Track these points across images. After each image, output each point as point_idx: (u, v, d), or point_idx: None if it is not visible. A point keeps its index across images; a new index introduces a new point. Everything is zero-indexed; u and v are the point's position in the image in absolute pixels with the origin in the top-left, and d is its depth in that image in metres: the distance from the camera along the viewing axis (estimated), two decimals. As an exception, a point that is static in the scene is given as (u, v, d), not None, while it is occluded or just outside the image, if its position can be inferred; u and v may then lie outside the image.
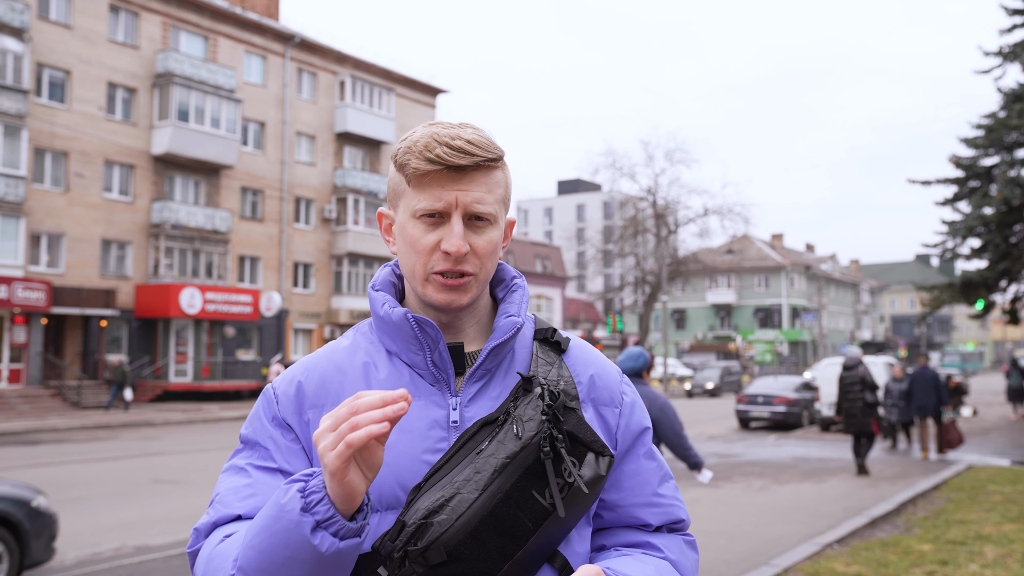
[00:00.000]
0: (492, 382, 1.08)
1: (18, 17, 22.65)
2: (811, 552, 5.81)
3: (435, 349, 1.06)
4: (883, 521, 7.21)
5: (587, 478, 1.00)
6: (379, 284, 1.14)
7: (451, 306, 1.07)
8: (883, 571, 5.20)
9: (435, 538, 0.93)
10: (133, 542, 7.10)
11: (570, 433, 1.02)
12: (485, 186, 1.06)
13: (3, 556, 5.46)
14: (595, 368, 1.14)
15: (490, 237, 1.07)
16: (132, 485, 10.40)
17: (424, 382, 1.07)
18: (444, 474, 0.99)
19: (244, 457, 1.06)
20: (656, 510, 1.12)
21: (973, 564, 5.37)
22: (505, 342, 1.08)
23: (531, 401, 1.02)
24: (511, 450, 0.97)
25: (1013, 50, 19.18)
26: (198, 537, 1.02)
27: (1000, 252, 19.11)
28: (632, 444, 1.13)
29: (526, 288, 1.14)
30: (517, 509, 0.96)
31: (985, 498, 8.10)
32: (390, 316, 1.08)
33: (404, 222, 1.08)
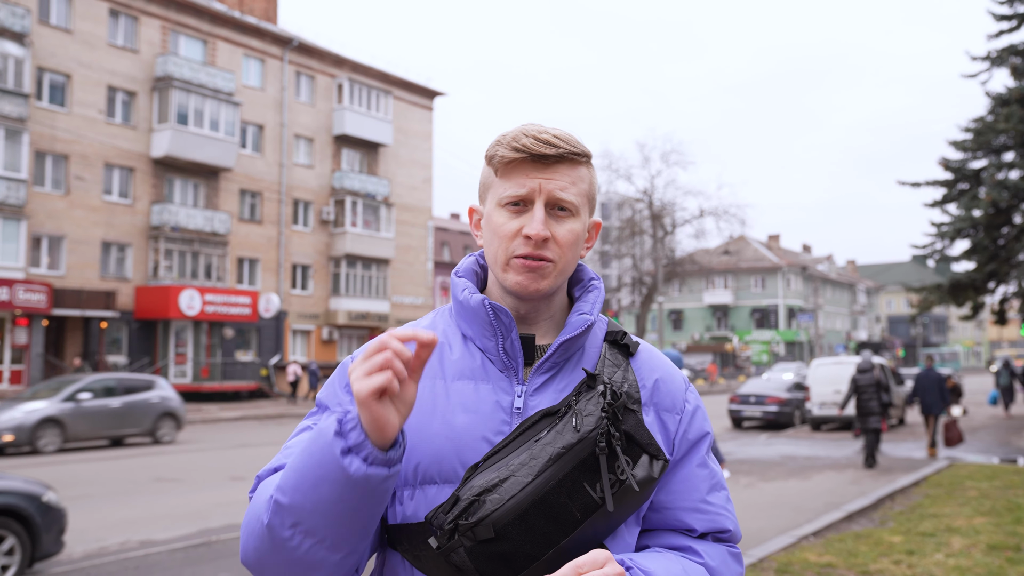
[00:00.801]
0: (559, 375, 1.11)
1: (19, 22, 22.89)
2: (787, 544, 6.09)
3: (507, 337, 1.10)
4: (860, 515, 7.48)
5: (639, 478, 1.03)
6: (462, 271, 1.18)
7: (528, 289, 1.09)
8: (852, 560, 5.48)
9: (485, 515, 0.97)
10: (137, 537, 7.35)
11: (627, 433, 1.04)
12: (569, 177, 1.10)
13: (15, 549, 5.72)
14: (660, 373, 1.16)
15: (571, 227, 1.10)
16: (134, 483, 10.65)
17: (494, 367, 1.11)
18: (502, 457, 1.02)
19: (313, 418, 1.13)
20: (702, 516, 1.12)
21: (939, 554, 5.65)
22: (576, 337, 1.11)
23: (593, 398, 1.05)
24: (568, 441, 1.01)
25: (1000, 55, 19.48)
26: (258, 481, 1.07)
27: (988, 254, 19.40)
28: (688, 451, 1.15)
29: (602, 290, 1.17)
30: (567, 498, 0.99)
31: (961, 493, 8.37)
32: (468, 301, 1.12)
33: (490, 211, 1.12)
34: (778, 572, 5.21)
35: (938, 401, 13.29)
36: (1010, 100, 19.09)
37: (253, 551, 0.99)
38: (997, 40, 20.10)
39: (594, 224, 1.18)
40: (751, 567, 5.37)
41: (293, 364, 27.78)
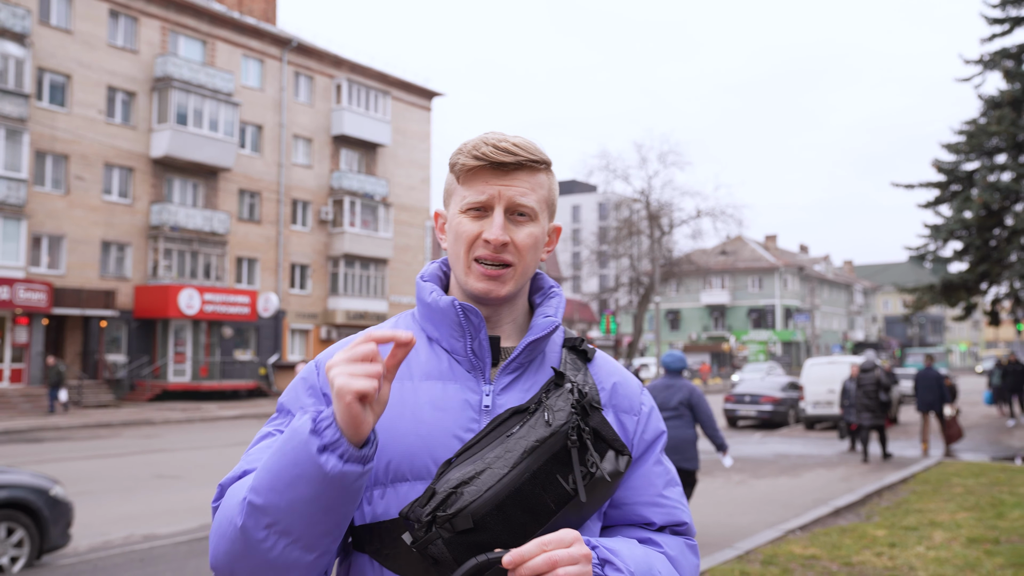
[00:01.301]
0: (524, 375, 1.14)
1: (19, 22, 23.01)
2: (773, 537, 6.26)
3: (476, 337, 1.12)
4: (847, 511, 7.66)
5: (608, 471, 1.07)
6: (427, 276, 1.21)
7: (490, 295, 1.12)
8: (836, 552, 5.66)
9: (464, 506, 0.99)
10: (141, 531, 7.52)
11: (594, 429, 1.08)
12: (527, 184, 1.13)
13: (24, 540, 5.89)
14: (617, 377, 1.21)
15: (530, 231, 1.13)
16: (136, 480, 10.81)
17: (461, 368, 1.13)
18: (476, 452, 1.04)
19: (276, 423, 1.13)
20: (660, 510, 1.17)
21: (920, 546, 5.83)
22: (541, 339, 1.14)
23: (562, 395, 1.09)
24: (541, 435, 1.04)
25: (993, 58, 19.67)
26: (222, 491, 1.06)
27: (980, 255, 19.61)
28: (646, 450, 1.20)
29: (563, 296, 1.21)
30: (542, 490, 1.02)
31: (947, 490, 8.56)
32: (437, 303, 1.14)
33: (453, 216, 1.15)
34: (763, 563, 5.39)
35: (937, 399, 13.68)
36: (1002, 103, 19.29)
37: (224, 555, 0.99)
38: (990, 43, 20.30)
39: (554, 228, 1.21)
40: (738, 559, 5.56)
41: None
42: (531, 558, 0.93)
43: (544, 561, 0.93)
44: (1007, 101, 19.09)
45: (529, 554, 0.93)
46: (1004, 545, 5.84)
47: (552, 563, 0.93)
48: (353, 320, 31.84)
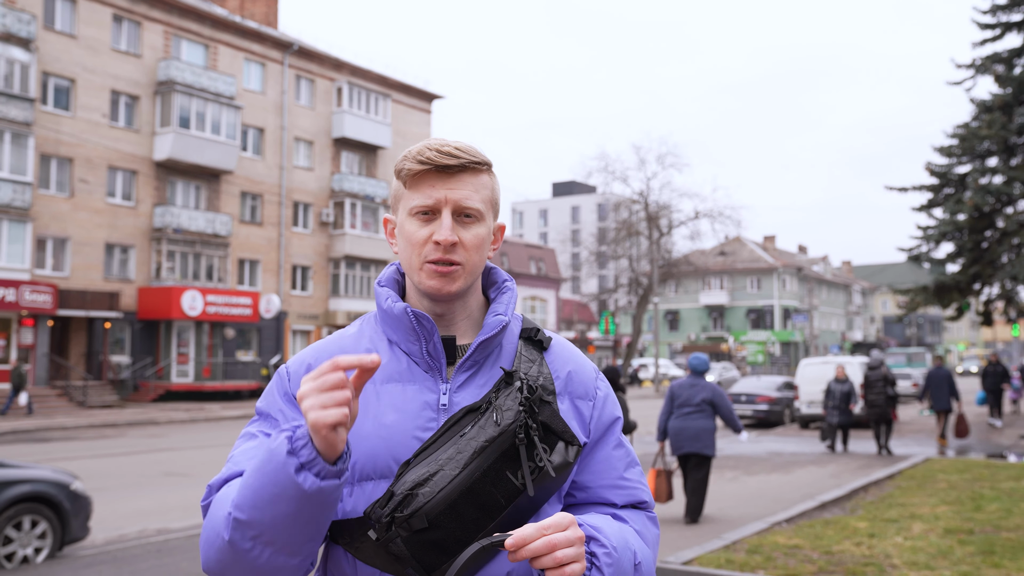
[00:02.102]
0: (479, 372, 1.19)
1: (25, 28, 23.31)
2: (760, 528, 6.57)
3: (430, 340, 1.17)
4: (833, 505, 7.96)
5: (556, 463, 1.12)
6: (384, 280, 1.27)
7: (441, 292, 1.17)
8: (818, 542, 5.96)
9: (419, 507, 1.05)
10: (154, 525, 7.81)
11: (544, 424, 1.13)
12: (472, 186, 1.17)
13: (47, 532, 6.19)
14: (572, 365, 1.25)
15: (476, 232, 1.18)
16: (145, 477, 11.10)
17: (419, 369, 1.19)
18: (431, 452, 1.10)
19: (256, 425, 1.19)
20: (621, 491, 1.22)
21: (898, 537, 6.13)
22: (492, 338, 1.19)
23: (511, 393, 1.13)
24: (490, 435, 1.09)
25: (984, 63, 19.99)
26: (210, 491, 1.13)
27: (972, 257, 19.92)
28: (603, 433, 1.24)
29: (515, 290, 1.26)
30: (492, 487, 1.08)
31: (932, 485, 8.85)
32: (392, 309, 1.20)
33: (402, 221, 1.20)
34: (748, 552, 5.69)
35: (946, 396, 14.42)
36: (993, 107, 19.60)
37: (215, 562, 1.06)
38: (982, 48, 20.61)
39: (499, 227, 1.26)
40: (725, 548, 5.86)
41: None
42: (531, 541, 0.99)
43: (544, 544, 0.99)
44: (998, 105, 19.40)
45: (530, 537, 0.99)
46: (978, 535, 6.14)
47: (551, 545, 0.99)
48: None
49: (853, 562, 5.39)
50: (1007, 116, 19.35)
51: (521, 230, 78.27)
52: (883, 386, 13.35)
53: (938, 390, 14.58)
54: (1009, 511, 7.10)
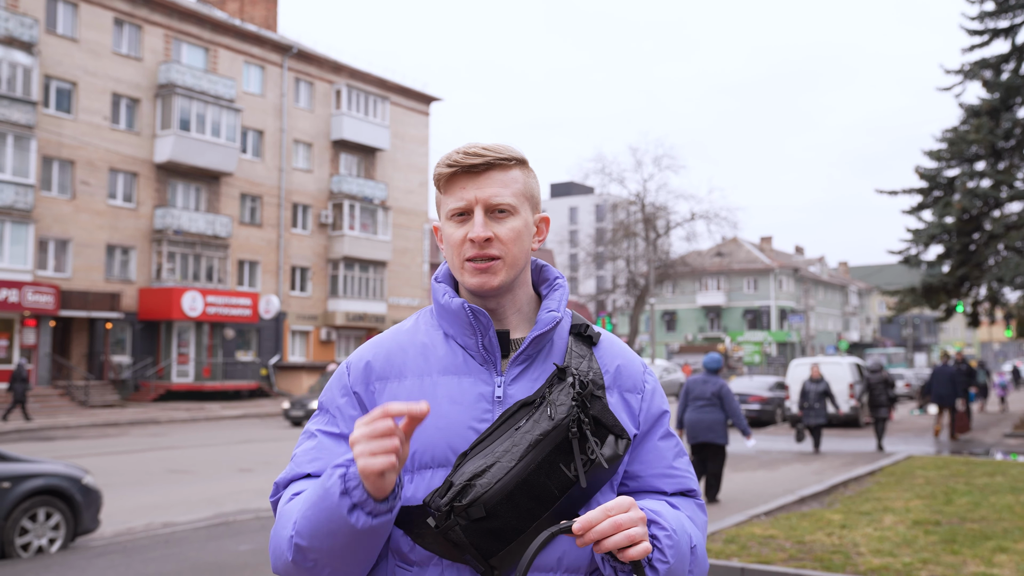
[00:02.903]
0: (532, 366, 1.23)
1: (27, 32, 23.61)
2: (739, 520, 6.90)
3: (486, 334, 1.21)
4: (812, 499, 8.29)
5: (607, 456, 1.16)
6: (441, 277, 1.29)
7: (483, 287, 1.21)
8: (792, 533, 6.29)
9: (477, 497, 1.09)
10: (160, 519, 8.12)
11: (595, 418, 1.16)
12: (501, 182, 1.21)
13: (61, 524, 6.51)
14: (621, 359, 1.29)
15: (512, 225, 1.21)
16: (149, 474, 11.42)
17: (475, 362, 1.23)
18: (487, 445, 1.14)
19: (316, 422, 1.25)
20: (671, 480, 1.26)
21: (869, 528, 6.46)
22: (545, 333, 1.23)
23: (564, 388, 1.17)
24: (544, 429, 1.13)
25: (972, 68, 20.31)
26: (277, 489, 1.22)
27: (960, 259, 20.26)
28: (652, 425, 1.28)
29: (567, 287, 1.29)
30: (546, 478, 1.12)
31: (909, 481, 9.18)
32: (449, 305, 1.23)
33: (443, 225, 1.25)
34: (725, 542, 6.02)
35: (951, 393, 15.44)
36: (981, 112, 19.93)
37: (283, 571, 1.15)
38: (970, 53, 20.94)
39: (541, 219, 1.29)
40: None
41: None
42: (598, 523, 1.04)
43: (610, 524, 1.04)
44: (985, 110, 19.73)
45: (596, 519, 1.04)
46: (944, 526, 6.48)
47: (617, 525, 1.04)
48: (352, 321, 32.46)
49: (822, 550, 5.72)
50: (994, 121, 19.67)
51: (519, 231, 78.56)
52: (883, 388, 14.31)
53: (942, 386, 15.50)
54: (978, 504, 7.43)
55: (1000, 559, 5.37)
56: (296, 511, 1.12)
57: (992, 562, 5.30)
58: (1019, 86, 19.54)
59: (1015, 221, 19.19)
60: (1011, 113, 19.79)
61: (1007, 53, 20.07)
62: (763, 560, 5.45)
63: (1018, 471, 9.71)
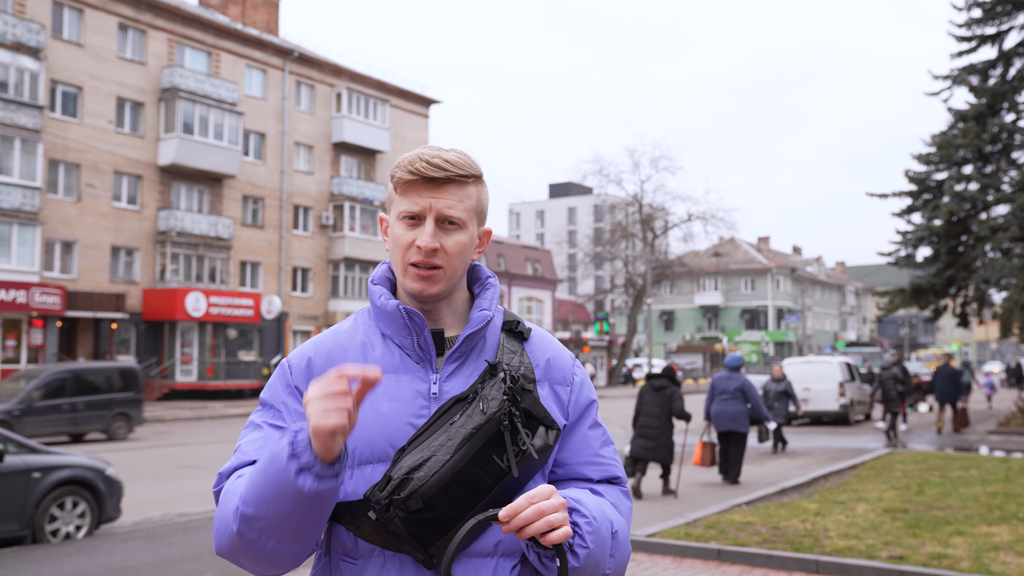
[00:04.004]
0: (466, 363, 1.27)
1: (34, 37, 24.03)
2: (720, 509, 7.35)
3: (421, 334, 1.25)
4: (792, 490, 8.75)
5: (538, 446, 1.21)
6: (377, 279, 1.34)
7: (423, 293, 1.26)
8: (768, 519, 6.75)
9: (414, 490, 1.13)
10: (175, 511, 8.56)
11: (526, 410, 1.22)
12: (456, 196, 1.25)
13: (86, 512, 6.97)
14: (551, 353, 1.34)
15: (458, 239, 1.26)
16: (160, 469, 11.86)
17: (411, 360, 1.27)
18: (424, 440, 1.18)
19: (260, 416, 1.28)
20: (597, 467, 1.32)
21: (841, 515, 6.92)
22: (477, 331, 1.28)
23: (496, 383, 1.21)
24: (477, 423, 1.17)
25: (960, 74, 20.80)
26: (221, 479, 1.24)
27: (948, 261, 20.75)
28: (580, 415, 1.33)
29: (497, 286, 1.35)
30: (480, 469, 1.16)
31: (888, 474, 9.63)
32: (385, 306, 1.27)
33: (392, 223, 1.29)
34: (705, 528, 6.48)
35: (951, 391, 16.54)
36: (968, 116, 20.41)
37: (227, 548, 1.17)
38: (958, 59, 21.43)
39: (484, 232, 1.35)
40: (687, 525, 6.64)
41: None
42: (522, 510, 1.09)
43: (533, 511, 1.09)
44: (973, 115, 20.21)
45: (520, 507, 1.09)
46: (911, 514, 6.93)
47: (539, 512, 1.10)
48: (353, 322, 32.87)
49: (794, 534, 6.18)
50: (981, 126, 20.15)
51: (518, 231, 78.99)
52: (894, 383, 15.46)
53: (943, 384, 16.59)
54: (947, 494, 7.89)
55: (955, 541, 5.83)
56: (242, 484, 1.16)
57: (948, 543, 5.76)
58: (1005, 92, 20.02)
59: (1001, 224, 19.68)
60: (998, 118, 20.28)
61: (994, 59, 20.56)
62: (739, 543, 5.91)
63: (992, 465, 10.17)
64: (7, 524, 6.42)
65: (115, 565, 5.97)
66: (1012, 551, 5.52)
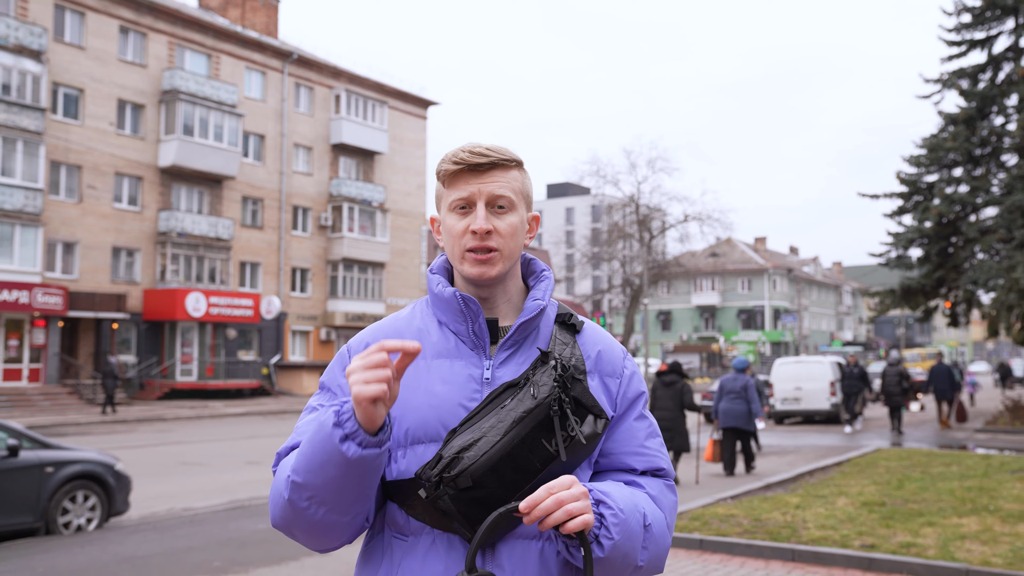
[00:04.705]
0: (519, 351, 1.30)
1: (36, 40, 24.29)
2: (706, 503, 7.65)
3: (476, 321, 1.28)
4: (777, 486, 9.04)
5: (586, 433, 1.23)
6: (436, 268, 1.37)
7: (482, 277, 1.28)
8: (751, 512, 7.04)
9: (464, 468, 1.17)
10: (180, 505, 8.84)
11: (575, 399, 1.24)
12: (503, 179, 1.29)
13: (97, 505, 7.25)
14: (602, 346, 1.36)
15: (510, 220, 1.29)
16: (163, 467, 12.13)
17: (466, 347, 1.30)
18: (475, 422, 1.21)
19: (318, 398, 1.32)
20: (641, 458, 1.33)
21: (821, 508, 7.22)
22: (531, 320, 1.30)
23: (547, 371, 1.24)
24: (528, 407, 1.20)
25: (950, 78, 21.11)
26: (278, 458, 1.27)
27: (938, 262, 21.08)
28: (629, 407, 1.35)
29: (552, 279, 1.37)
30: (529, 452, 1.19)
31: (872, 470, 9.93)
32: (442, 293, 1.30)
33: (444, 217, 1.31)
34: (690, 519, 6.77)
35: (948, 388, 17.32)
36: (958, 120, 20.72)
37: (280, 518, 1.21)
38: (949, 63, 21.73)
39: (533, 217, 1.38)
40: (671, 517, 6.94)
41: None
42: (541, 501, 1.11)
43: (553, 501, 1.11)
44: (962, 119, 20.52)
45: (540, 498, 1.12)
46: (888, 507, 7.23)
47: (559, 502, 1.12)
48: (352, 322, 33.19)
49: (774, 525, 6.48)
50: (971, 129, 20.46)
51: (516, 231, 79.19)
52: (898, 380, 16.28)
53: (939, 382, 17.36)
54: (925, 489, 8.19)
55: (926, 531, 6.13)
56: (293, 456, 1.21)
57: (918, 533, 6.06)
58: (994, 95, 20.34)
59: (990, 226, 20.00)
60: (987, 121, 20.60)
61: (983, 63, 20.87)
62: (720, 533, 6.21)
63: (973, 462, 10.47)
64: (22, 516, 6.70)
65: (127, 555, 6.26)
66: (978, 540, 5.82)
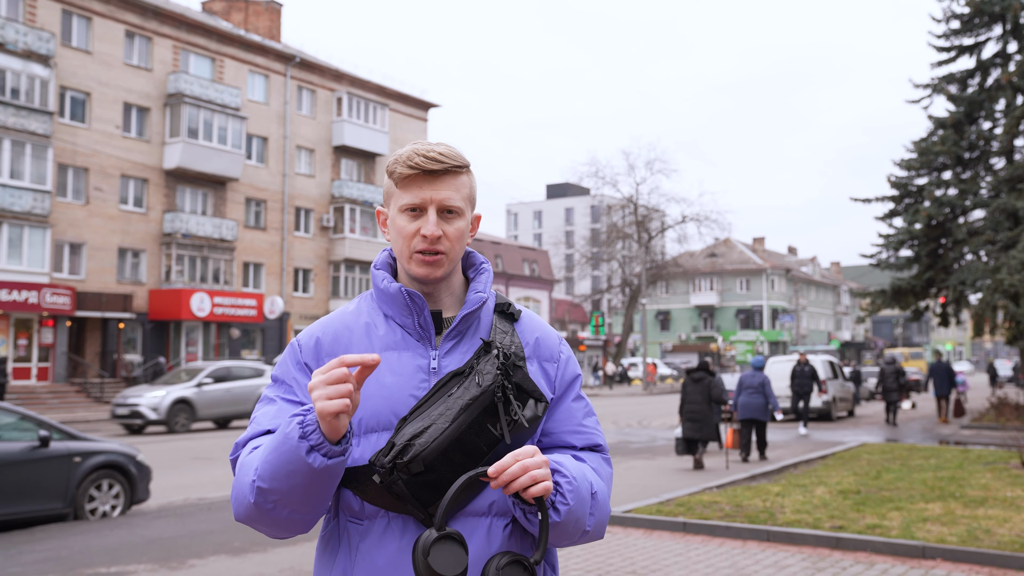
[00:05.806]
0: (463, 341, 1.38)
1: (44, 45, 24.76)
2: (692, 491, 8.12)
3: (421, 314, 1.36)
4: (762, 476, 9.51)
5: (528, 417, 1.32)
6: (379, 264, 1.44)
7: (429, 277, 1.36)
8: (733, 499, 7.52)
9: (416, 454, 1.24)
10: (195, 496, 9.31)
11: (517, 384, 1.33)
12: (453, 186, 1.36)
13: (120, 493, 7.74)
14: (539, 333, 1.45)
15: (458, 226, 1.37)
16: (176, 460, 12.60)
17: (412, 339, 1.37)
18: (424, 410, 1.29)
19: (273, 391, 1.39)
20: (580, 436, 1.43)
21: (800, 496, 7.69)
22: (473, 311, 1.38)
23: (490, 359, 1.33)
24: (473, 394, 1.28)
25: (939, 83, 21.59)
26: (236, 448, 1.35)
27: (927, 263, 21.56)
28: (566, 389, 1.44)
29: (491, 270, 1.45)
30: (476, 436, 1.28)
31: (854, 463, 10.40)
32: (388, 289, 1.37)
33: (394, 216, 1.38)
34: (676, 506, 7.25)
35: (946, 385, 18.29)
36: (947, 124, 21.20)
37: (244, 516, 1.28)
38: (939, 68, 22.22)
39: (475, 217, 1.45)
40: (659, 503, 7.41)
41: None
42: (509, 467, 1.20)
43: (519, 467, 1.20)
44: (951, 123, 21.00)
45: (507, 464, 1.20)
46: (862, 494, 7.71)
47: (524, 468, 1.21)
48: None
49: (754, 510, 6.95)
50: (959, 133, 20.94)
51: (516, 232, 79.68)
52: (895, 378, 17.56)
53: (938, 379, 18.25)
54: (900, 479, 8.66)
55: (892, 515, 6.60)
56: (257, 459, 1.25)
57: (885, 516, 6.54)
58: (983, 100, 20.83)
59: (978, 228, 20.48)
60: (976, 126, 21.09)
61: (972, 68, 21.35)
62: (702, 516, 6.69)
63: (951, 455, 10.94)
64: (52, 503, 7.18)
65: (153, 537, 6.73)
66: (939, 522, 6.29)
